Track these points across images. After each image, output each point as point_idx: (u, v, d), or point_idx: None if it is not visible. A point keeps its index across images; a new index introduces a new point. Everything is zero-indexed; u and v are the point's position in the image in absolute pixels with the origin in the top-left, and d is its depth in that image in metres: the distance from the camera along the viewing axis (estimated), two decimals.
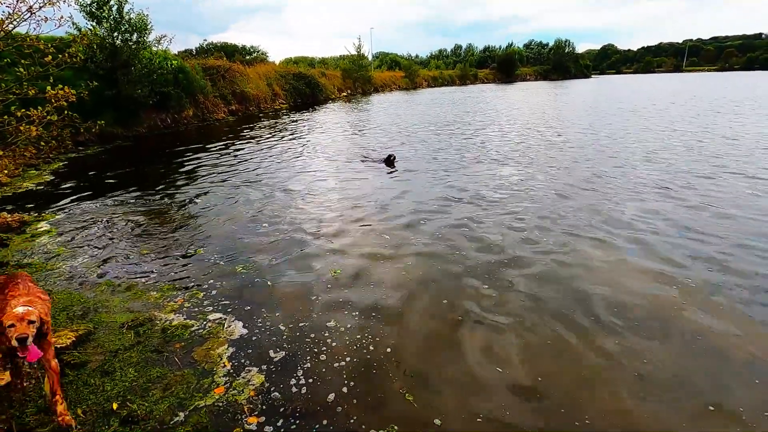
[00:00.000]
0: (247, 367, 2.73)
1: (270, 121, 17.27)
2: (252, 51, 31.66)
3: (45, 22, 5.71)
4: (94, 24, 12.68)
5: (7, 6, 5.37)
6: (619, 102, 23.11)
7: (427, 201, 6.22)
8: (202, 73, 17.60)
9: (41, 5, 5.57)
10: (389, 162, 8.68)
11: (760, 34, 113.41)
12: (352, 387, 2.56)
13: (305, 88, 25.95)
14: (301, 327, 3.18)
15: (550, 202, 6.02)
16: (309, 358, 2.83)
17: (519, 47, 74.28)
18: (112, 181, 7.85)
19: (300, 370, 2.70)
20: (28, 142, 6.14)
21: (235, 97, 19.93)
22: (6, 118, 5.58)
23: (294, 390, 2.54)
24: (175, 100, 15.11)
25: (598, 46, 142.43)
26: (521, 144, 10.86)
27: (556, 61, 68.62)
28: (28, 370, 2.56)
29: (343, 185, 7.35)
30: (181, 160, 9.70)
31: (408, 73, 45.99)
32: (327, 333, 3.10)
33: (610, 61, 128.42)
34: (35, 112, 5.61)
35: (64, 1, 5.93)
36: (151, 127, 14.40)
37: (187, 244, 4.83)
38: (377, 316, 3.30)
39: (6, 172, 6.76)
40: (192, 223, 5.56)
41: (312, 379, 2.63)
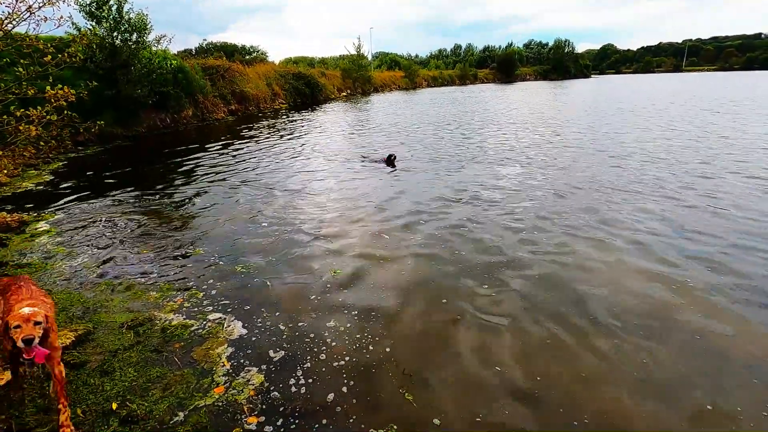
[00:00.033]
0: (246, 367, 2.73)
1: (269, 121, 17.27)
2: (251, 51, 31.63)
3: (44, 21, 5.72)
4: (94, 24, 12.67)
5: (7, 6, 5.37)
6: (618, 102, 23.12)
7: (427, 201, 6.22)
8: (201, 72, 17.58)
9: (40, 5, 5.57)
10: (390, 162, 8.68)
11: (760, 34, 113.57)
12: (352, 387, 2.56)
13: (305, 87, 25.93)
14: (301, 327, 3.18)
15: (549, 202, 6.02)
16: (308, 357, 2.83)
17: (519, 47, 74.52)
18: (112, 181, 7.85)
19: (299, 370, 2.70)
20: (28, 141, 6.14)
21: (235, 97, 19.91)
22: (5, 117, 5.59)
23: (293, 390, 2.54)
24: (174, 99, 15.10)
25: (598, 46, 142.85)
26: (520, 144, 10.87)
27: (555, 61, 68.71)
28: (28, 370, 2.56)
29: (342, 185, 7.35)
30: (181, 160, 9.70)
31: (408, 73, 46.00)
32: (326, 333, 3.10)
33: (610, 61, 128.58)
34: (35, 111, 5.61)
35: (64, 1, 5.94)
36: (151, 126, 14.38)
37: (187, 244, 4.83)
38: (376, 316, 3.31)
39: (5, 171, 6.75)
40: (191, 223, 5.56)
41: (312, 378, 2.63)
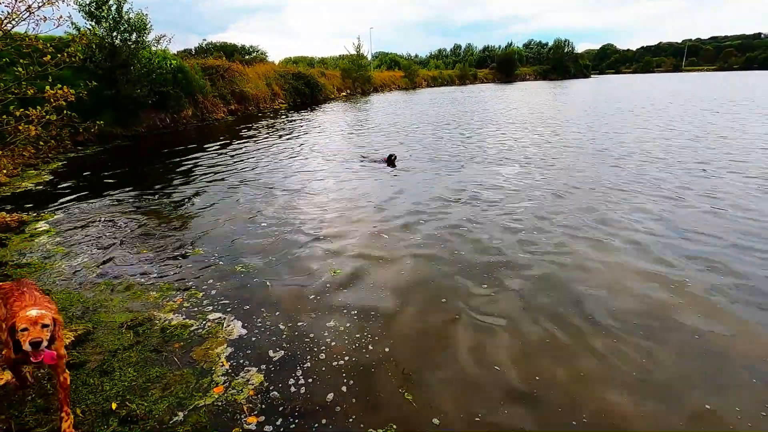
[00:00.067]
0: (246, 367, 2.73)
1: (269, 121, 17.26)
2: (251, 51, 31.63)
3: (44, 21, 5.72)
4: (93, 23, 12.66)
5: (6, 5, 5.37)
6: (617, 102, 23.13)
7: (426, 201, 6.22)
8: (201, 72, 17.57)
9: (40, 5, 5.57)
10: (390, 162, 8.68)
11: (759, 34, 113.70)
12: (351, 386, 2.57)
13: (304, 87, 25.92)
14: (300, 326, 3.18)
15: (548, 203, 6.03)
16: (308, 357, 2.83)
17: (518, 47, 74.57)
18: (111, 181, 7.85)
19: (299, 370, 2.71)
20: (27, 141, 6.15)
21: (235, 97, 19.90)
22: (5, 117, 5.59)
23: (293, 389, 2.54)
24: (174, 99, 15.09)
25: (598, 46, 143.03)
26: (519, 144, 10.87)
27: (555, 61, 68.72)
28: (31, 379, 2.54)
29: (341, 185, 7.35)
30: (180, 160, 9.70)
31: (407, 72, 46.00)
32: (326, 333, 3.10)
33: (610, 60, 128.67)
34: (34, 111, 5.61)
35: (63, 1, 5.94)
36: (150, 126, 14.38)
37: (186, 243, 4.83)
38: (376, 316, 3.31)
39: (5, 171, 6.75)
40: (191, 223, 5.56)
41: (311, 378, 2.64)
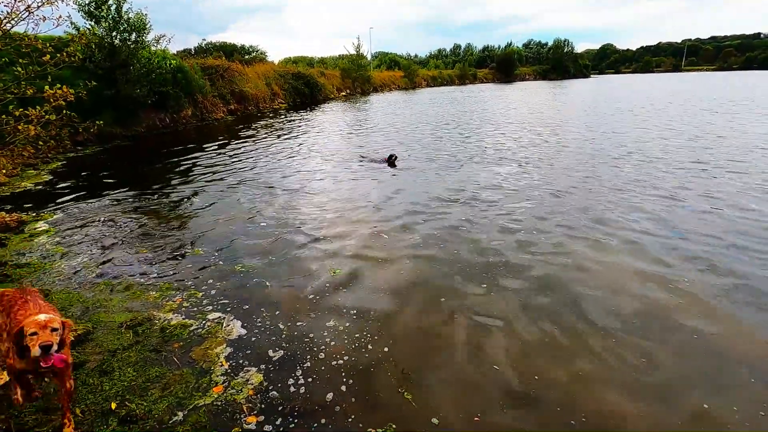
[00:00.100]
0: (245, 367, 2.74)
1: (269, 121, 17.26)
2: (251, 50, 31.60)
3: (43, 21, 5.73)
4: (93, 23, 12.65)
5: (6, 5, 5.37)
6: (617, 102, 23.13)
7: (425, 201, 6.23)
8: (200, 72, 17.57)
9: (39, 4, 5.57)
10: (391, 162, 8.67)
11: (759, 34, 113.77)
12: (351, 386, 2.57)
13: (304, 87, 25.92)
14: (300, 326, 3.18)
15: (546, 203, 6.03)
16: (307, 357, 2.83)
17: (518, 47, 74.55)
18: (111, 181, 7.85)
19: (299, 370, 2.71)
20: (27, 141, 6.15)
21: (234, 97, 19.90)
22: (4, 117, 5.59)
23: (293, 389, 2.54)
24: (173, 99, 15.09)
25: (597, 46, 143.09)
26: (518, 144, 10.87)
27: (555, 61, 68.68)
28: (38, 389, 2.51)
29: (341, 185, 7.35)
30: (180, 160, 9.70)
31: (407, 72, 45.97)
32: (325, 332, 3.10)
33: (609, 60, 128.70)
34: (33, 111, 5.61)
35: (62, 1, 5.95)
36: (150, 126, 14.37)
37: (186, 243, 4.83)
38: (375, 316, 3.31)
39: (4, 171, 6.75)
40: (190, 223, 5.56)
41: (311, 378, 2.64)
